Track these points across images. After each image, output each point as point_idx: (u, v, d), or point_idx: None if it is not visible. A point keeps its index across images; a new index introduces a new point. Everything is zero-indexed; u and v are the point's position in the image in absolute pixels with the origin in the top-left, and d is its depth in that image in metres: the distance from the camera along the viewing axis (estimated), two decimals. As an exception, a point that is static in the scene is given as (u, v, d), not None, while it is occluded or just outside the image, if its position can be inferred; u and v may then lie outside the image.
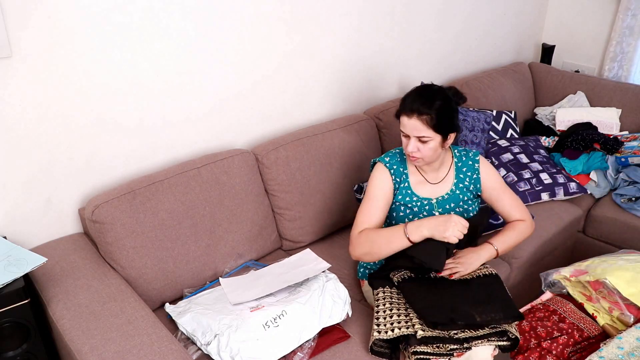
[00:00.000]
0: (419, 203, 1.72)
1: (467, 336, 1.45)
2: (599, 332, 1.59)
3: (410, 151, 1.60)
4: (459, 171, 1.76)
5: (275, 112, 2.15)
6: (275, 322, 1.46)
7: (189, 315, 1.53)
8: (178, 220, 1.70)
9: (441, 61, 2.83)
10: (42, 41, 1.49)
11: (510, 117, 2.75)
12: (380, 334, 1.47)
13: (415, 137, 1.58)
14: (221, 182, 1.81)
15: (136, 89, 1.72)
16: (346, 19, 2.25)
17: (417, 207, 1.72)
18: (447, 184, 1.74)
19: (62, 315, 1.41)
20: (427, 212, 1.72)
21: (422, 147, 1.59)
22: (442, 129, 1.57)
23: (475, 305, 1.49)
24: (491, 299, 1.53)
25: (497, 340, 1.47)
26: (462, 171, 1.76)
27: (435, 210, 1.72)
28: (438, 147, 1.61)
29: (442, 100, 1.57)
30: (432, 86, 1.64)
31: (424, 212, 1.72)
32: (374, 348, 1.50)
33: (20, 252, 1.45)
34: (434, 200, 1.72)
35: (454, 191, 1.74)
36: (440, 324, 1.43)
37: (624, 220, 2.33)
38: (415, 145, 1.59)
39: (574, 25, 3.34)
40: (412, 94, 1.61)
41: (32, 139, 1.57)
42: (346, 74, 2.36)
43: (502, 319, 1.45)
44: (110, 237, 1.60)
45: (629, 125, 2.86)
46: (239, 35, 1.91)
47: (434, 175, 1.74)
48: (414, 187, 1.72)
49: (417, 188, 1.73)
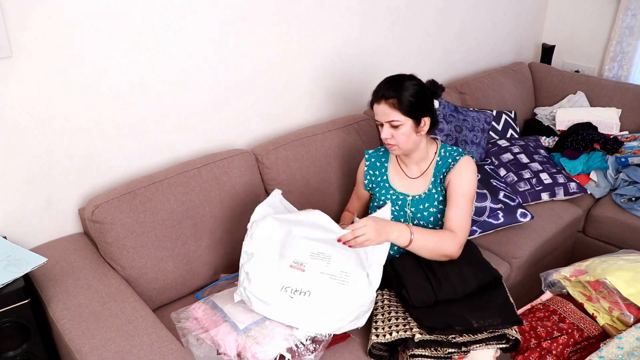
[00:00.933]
0: (394, 197, 1.75)
1: (465, 340, 1.44)
2: (599, 332, 1.59)
3: (384, 138, 1.64)
4: (438, 169, 1.73)
5: (275, 112, 2.15)
6: (293, 294, 1.41)
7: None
8: (178, 220, 1.70)
9: (441, 61, 2.83)
10: (42, 41, 1.49)
11: (510, 117, 2.75)
12: (378, 337, 1.47)
13: (387, 122, 1.61)
14: (221, 182, 1.81)
15: (136, 89, 1.72)
16: (346, 19, 2.25)
17: (392, 200, 1.75)
18: (425, 182, 1.74)
19: (62, 315, 1.41)
20: (400, 207, 1.74)
21: (395, 132, 1.61)
22: (412, 113, 1.59)
23: (473, 310, 1.48)
24: (490, 304, 1.51)
25: (497, 344, 1.46)
26: (440, 170, 1.72)
27: (407, 208, 1.73)
28: (411, 133, 1.62)
29: (410, 84, 1.61)
30: (401, 74, 1.67)
31: (396, 206, 1.74)
32: (372, 351, 1.49)
33: (20, 252, 1.45)
34: (410, 197, 1.73)
35: (430, 190, 1.72)
36: (438, 329, 1.43)
37: (624, 220, 2.33)
38: (388, 132, 1.62)
39: (574, 25, 3.34)
40: (381, 83, 1.65)
41: (32, 139, 1.57)
42: (346, 73, 2.36)
43: (500, 324, 1.44)
44: (110, 237, 1.60)
45: (629, 125, 2.86)
46: (239, 35, 1.91)
47: (413, 169, 1.75)
48: (391, 179, 1.77)
49: (394, 180, 1.76)
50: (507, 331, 1.46)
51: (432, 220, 1.72)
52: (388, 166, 1.78)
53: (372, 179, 1.79)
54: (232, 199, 1.83)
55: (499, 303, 1.52)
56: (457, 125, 2.39)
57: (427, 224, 1.72)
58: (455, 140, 2.37)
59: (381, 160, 1.79)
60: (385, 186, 1.76)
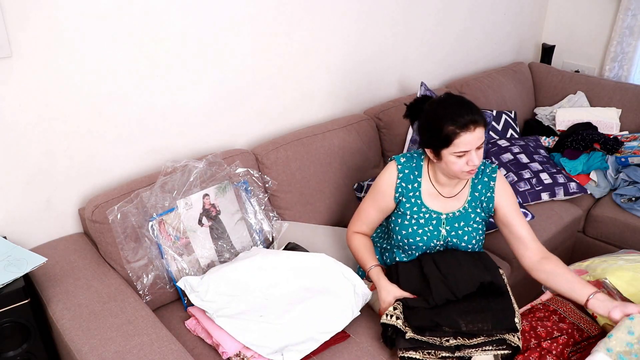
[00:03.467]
0: (427, 215, 1.62)
1: (459, 344, 1.41)
2: (599, 332, 1.59)
3: (477, 164, 1.48)
4: (474, 188, 1.63)
5: (275, 112, 2.15)
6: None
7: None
8: (178, 220, 1.70)
9: (441, 61, 2.83)
10: (42, 41, 1.49)
11: (510, 117, 2.75)
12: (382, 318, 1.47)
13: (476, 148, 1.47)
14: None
15: (136, 88, 1.72)
16: (346, 19, 2.25)
17: (424, 219, 1.62)
18: (461, 200, 1.63)
19: (62, 315, 1.41)
20: (434, 227, 1.62)
21: (480, 153, 1.49)
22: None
23: (464, 313, 1.43)
24: (485, 308, 1.45)
25: (494, 350, 1.42)
26: (477, 188, 1.63)
27: (442, 227, 1.62)
28: None
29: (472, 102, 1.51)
30: (459, 96, 1.55)
31: (430, 227, 1.62)
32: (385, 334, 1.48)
33: (20, 252, 1.45)
34: (444, 216, 1.62)
35: (466, 209, 1.63)
36: (426, 329, 1.40)
37: (624, 220, 2.33)
38: (477, 157, 1.47)
39: (574, 25, 3.34)
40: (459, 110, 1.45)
41: (32, 139, 1.57)
42: (346, 73, 2.36)
43: (491, 329, 1.40)
44: (110, 237, 1.60)
45: (629, 125, 2.86)
46: (240, 36, 1.91)
47: (449, 190, 1.63)
48: (424, 198, 1.63)
49: (427, 199, 1.63)
50: (507, 337, 1.42)
51: (467, 240, 1.63)
52: (421, 182, 1.63)
53: (402, 192, 1.62)
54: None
55: (497, 308, 1.46)
56: (457, 125, 2.39)
57: (462, 242, 1.63)
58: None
59: (414, 173, 1.62)
60: (417, 203, 1.61)
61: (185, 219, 1.65)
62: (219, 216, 1.73)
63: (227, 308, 1.50)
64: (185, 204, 1.65)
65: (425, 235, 1.63)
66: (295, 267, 1.62)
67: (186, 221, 1.65)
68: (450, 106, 1.48)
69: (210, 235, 1.70)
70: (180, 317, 1.63)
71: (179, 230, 1.64)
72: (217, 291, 1.54)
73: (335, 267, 1.62)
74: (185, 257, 1.65)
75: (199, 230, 1.68)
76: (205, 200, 1.69)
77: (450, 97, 1.53)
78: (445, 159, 1.49)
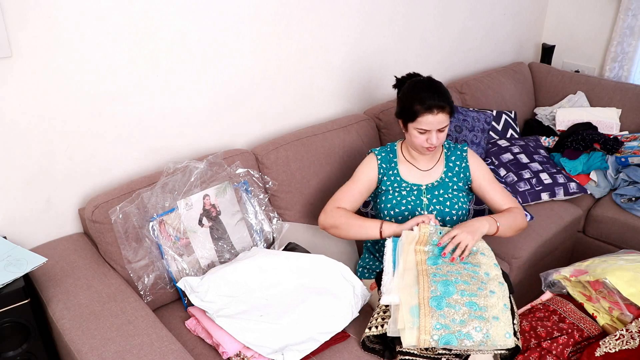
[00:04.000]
0: (407, 188, 1.78)
1: None
2: (599, 332, 1.59)
3: (434, 143, 1.67)
4: (449, 160, 1.82)
5: (275, 112, 2.15)
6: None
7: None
8: (178, 220, 1.70)
9: (441, 61, 2.83)
10: (42, 41, 1.49)
11: (510, 117, 2.75)
12: (370, 330, 1.47)
13: (437, 129, 1.66)
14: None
15: (136, 88, 1.72)
16: (347, 19, 2.25)
17: (406, 191, 1.77)
18: (437, 172, 1.80)
19: (62, 315, 1.41)
20: (416, 196, 1.76)
21: (441, 135, 1.68)
22: (452, 114, 1.69)
23: None
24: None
25: (494, 349, 1.40)
26: (451, 160, 1.82)
27: (423, 196, 1.76)
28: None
29: (446, 88, 1.69)
30: (430, 78, 1.73)
31: (412, 196, 1.76)
32: (366, 343, 1.49)
33: (20, 252, 1.45)
34: (424, 187, 1.78)
35: (443, 179, 1.79)
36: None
37: (624, 220, 2.33)
38: (436, 137, 1.67)
39: (574, 25, 3.34)
40: (425, 93, 1.65)
41: (32, 139, 1.57)
42: (346, 73, 2.36)
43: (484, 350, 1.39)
44: (110, 237, 1.60)
45: (629, 125, 2.86)
46: (239, 36, 1.91)
47: (425, 164, 1.81)
48: (403, 174, 1.80)
49: (406, 176, 1.80)
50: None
51: (449, 206, 1.75)
52: (398, 163, 1.81)
53: (384, 172, 1.81)
54: (232, 199, 1.83)
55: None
56: (457, 125, 2.39)
57: (445, 209, 1.75)
58: (455, 140, 2.37)
59: (390, 156, 1.82)
60: (397, 180, 1.79)
61: (185, 220, 1.65)
62: (219, 217, 1.73)
63: (227, 308, 1.50)
64: (185, 204, 1.65)
65: (409, 204, 1.75)
66: (296, 267, 1.63)
67: (186, 221, 1.65)
68: (423, 89, 1.66)
69: (211, 235, 1.70)
70: (180, 317, 1.63)
71: (179, 231, 1.64)
72: (217, 292, 1.54)
73: (335, 268, 1.62)
74: (186, 257, 1.65)
75: (199, 230, 1.68)
76: (205, 200, 1.69)
77: (428, 81, 1.71)
78: (410, 131, 1.70)
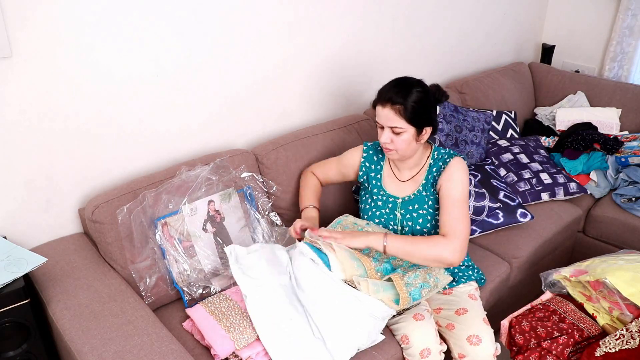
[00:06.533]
0: (384, 198, 1.74)
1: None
2: (599, 332, 1.59)
3: (383, 142, 1.60)
4: (431, 169, 1.70)
5: (275, 112, 2.15)
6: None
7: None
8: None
9: (441, 61, 2.83)
10: (42, 41, 1.49)
11: (510, 117, 2.76)
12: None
13: (389, 127, 1.58)
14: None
15: (137, 89, 1.72)
16: (347, 20, 2.25)
17: (382, 201, 1.74)
18: (416, 183, 1.71)
19: (62, 315, 1.41)
20: (390, 210, 1.73)
21: (396, 138, 1.59)
22: (416, 122, 1.57)
23: None
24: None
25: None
26: (432, 171, 1.69)
27: (397, 211, 1.71)
28: (412, 141, 1.60)
29: (418, 92, 1.57)
30: (410, 78, 1.63)
31: (387, 209, 1.73)
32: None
33: (20, 252, 1.45)
34: (400, 200, 1.72)
35: (420, 192, 1.70)
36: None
37: (624, 220, 2.33)
38: (388, 136, 1.59)
39: (574, 25, 3.34)
40: (388, 84, 1.61)
41: (32, 139, 1.57)
42: (347, 74, 2.36)
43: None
44: (110, 237, 1.60)
45: (629, 125, 2.86)
46: (239, 36, 1.91)
47: (405, 173, 1.74)
48: (384, 180, 1.76)
49: (386, 182, 1.76)
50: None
51: (422, 223, 1.68)
52: (383, 165, 1.77)
53: (367, 172, 1.78)
54: (232, 199, 1.83)
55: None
56: (457, 125, 2.39)
57: (416, 226, 1.69)
58: (455, 140, 2.37)
59: (378, 156, 1.78)
60: (377, 185, 1.75)
61: (189, 224, 1.65)
62: (223, 222, 1.72)
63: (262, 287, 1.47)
64: (190, 209, 1.65)
65: (383, 217, 1.74)
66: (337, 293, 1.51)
67: (190, 226, 1.65)
68: (391, 82, 1.62)
69: (214, 241, 1.70)
70: (181, 318, 1.63)
71: (182, 233, 1.64)
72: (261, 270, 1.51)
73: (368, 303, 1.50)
74: (187, 259, 1.65)
75: (202, 235, 1.67)
76: (210, 206, 1.69)
77: (402, 78, 1.63)
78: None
